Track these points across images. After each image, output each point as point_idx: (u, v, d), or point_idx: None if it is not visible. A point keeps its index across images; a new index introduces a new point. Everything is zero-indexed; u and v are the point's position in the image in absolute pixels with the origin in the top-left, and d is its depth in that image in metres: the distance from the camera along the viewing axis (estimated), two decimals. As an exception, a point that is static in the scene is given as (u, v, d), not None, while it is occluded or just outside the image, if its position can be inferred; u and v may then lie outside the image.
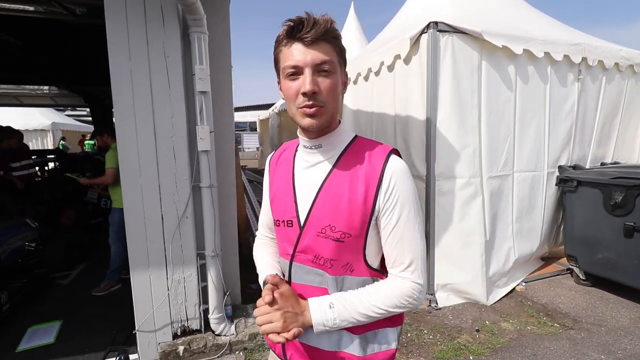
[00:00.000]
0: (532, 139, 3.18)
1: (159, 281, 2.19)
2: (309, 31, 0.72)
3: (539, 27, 3.26)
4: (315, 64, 0.74)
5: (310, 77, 0.74)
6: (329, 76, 0.75)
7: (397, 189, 0.79)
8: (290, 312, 0.77)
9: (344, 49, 0.80)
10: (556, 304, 2.99)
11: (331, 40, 0.75)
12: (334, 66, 0.76)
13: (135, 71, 1.96)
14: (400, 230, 0.79)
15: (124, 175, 2.06)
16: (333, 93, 0.76)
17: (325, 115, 0.78)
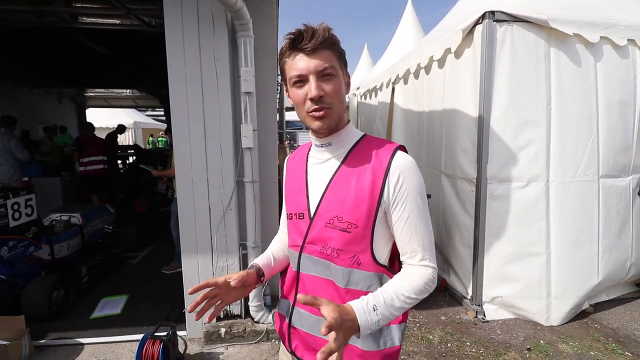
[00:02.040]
0: (620, 138, 2.74)
1: (206, 267, 2.39)
2: (309, 41, 0.79)
3: (622, 10, 2.81)
4: (318, 70, 0.80)
5: (315, 83, 0.80)
6: (332, 80, 0.81)
7: (408, 183, 0.82)
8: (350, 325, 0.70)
9: (343, 52, 0.86)
10: (630, 330, 2.58)
11: (330, 46, 0.81)
12: (336, 70, 0.82)
13: (189, 74, 2.15)
14: (414, 221, 0.83)
15: (178, 169, 2.28)
16: (337, 94, 0.83)
17: (333, 115, 0.84)
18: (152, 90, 7.56)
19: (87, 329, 2.57)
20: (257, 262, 1.01)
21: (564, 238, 2.66)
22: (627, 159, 2.80)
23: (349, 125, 0.91)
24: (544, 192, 2.62)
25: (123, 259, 3.90)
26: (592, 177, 2.70)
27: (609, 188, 2.75)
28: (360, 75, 9.00)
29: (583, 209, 2.68)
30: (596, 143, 2.68)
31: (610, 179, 2.75)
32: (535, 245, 2.65)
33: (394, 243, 0.88)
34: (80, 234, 3.26)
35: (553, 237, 2.65)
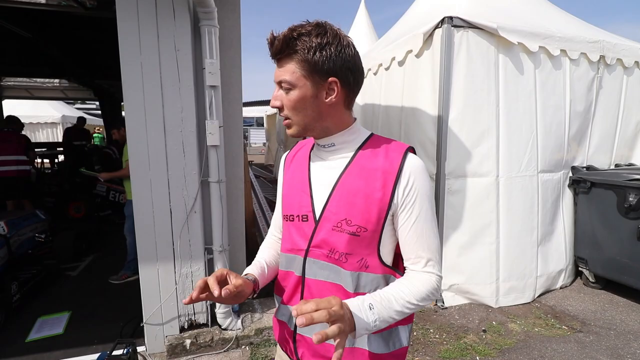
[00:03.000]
0: (554, 138, 3.08)
1: (167, 275, 2.20)
2: (271, 49, 0.78)
3: (556, 23, 3.17)
4: (277, 81, 0.80)
5: (274, 93, 0.82)
6: (288, 92, 0.79)
7: (416, 186, 0.80)
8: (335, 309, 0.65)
9: (316, 59, 0.75)
10: (564, 307, 2.95)
11: (291, 55, 0.77)
12: (292, 82, 0.77)
13: (146, 64, 1.95)
14: (420, 226, 0.80)
15: (134, 169, 2.06)
16: (294, 107, 0.80)
17: (295, 126, 0.83)
18: (84, 81, 6.75)
19: (23, 355, 2.23)
20: (252, 271, 0.94)
21: (511, 227, 2.95)
22: (560, 156, 3.17)
23: (354, 125, 0.87)
24: (495, 186, 2.87)
25: (60, 271, 3.44)
26: (533, 172, 3.02)
27: (545, 182, 3.10)
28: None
29: (526, 200, 2.99)
30: (535, 142, 3.00)
31: (547, 174, 3.11)
32: (486, 234, 2.90)
33: (398, 245, 0.87)
34: (6, 245, 2.80)
35: (502, 226, 2.92)
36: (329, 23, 0.79)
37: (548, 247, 3.20)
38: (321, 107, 0.81)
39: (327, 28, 0.77)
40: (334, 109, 0.82)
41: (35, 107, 10.45)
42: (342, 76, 0.78)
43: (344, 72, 0.78)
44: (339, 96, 0.80)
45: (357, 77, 0.82)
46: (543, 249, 3.14)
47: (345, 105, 0.84)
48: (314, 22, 0.78)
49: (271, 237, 1.08)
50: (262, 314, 2.53)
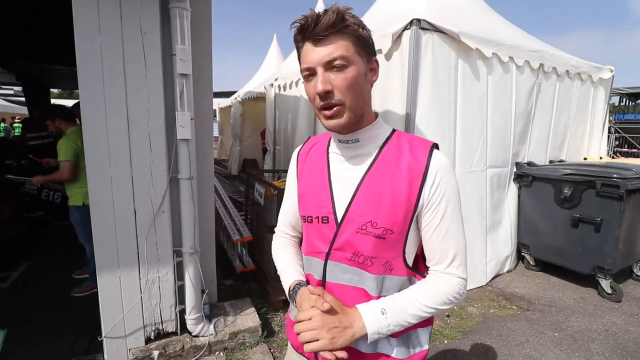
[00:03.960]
0: (501, 137, 3.39)
1: (131, 283, 2.00)
2: (315, 27, 0.70)
3: (504, 32, 3.48)
4: (325, 61, 0.71)
5: (322, 77, 0.71)
6: (342, 71, 0.71)
7: (443, 185, 0.77)
8: (338, 327, 0.72)
9: (365, 35, 0.74)
10: (512, 288, 3.28)
11: (342, 30, 0.71)
12: (348, 59, 0.71)
13: (106, 47, 1.73)
14: (445, 226, 0.78)
15: (90, 165, 1.82)
16: (351, 88, 0.72)
17: (347, 113, 0.74)
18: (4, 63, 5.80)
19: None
20: (301, 278, 0.89)
21: (465, 218, 3.19)
22: (505, 153, 3.51)
23: (378, 120, 0.83)
24: (454, 180, 3.09)
25: (-15, 284, 2.95)
26: (483, 168, 3.31)
27: (493, 176, 3.41)
28: (269, 66, 8.81)
29: (476, 193, 3.27)
30: (485, 140, 3.29)
31: (495, 169, 3.42)
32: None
33: (420, 244, 0.85)
34: None
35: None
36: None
37: (496, 235, 3.54)
38: (368, 89, 0.78)
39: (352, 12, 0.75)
40: (370, 93, 0.80)
41: None
42: (376, 57, 0.79)
43: (375, 53, 0.80)
44: (375, 77, 0.80)
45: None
46: (492, 236, 3.46)
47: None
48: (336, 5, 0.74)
49: (283, 237, 1.02)
50: (235, 317, 2.42)
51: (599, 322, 2.69)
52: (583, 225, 3.06)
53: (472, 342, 2.46)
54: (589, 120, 4.27)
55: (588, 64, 3.97)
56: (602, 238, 2.93)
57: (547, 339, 2.49)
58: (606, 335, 2.51)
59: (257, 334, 2.37)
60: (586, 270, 3.10)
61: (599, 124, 4.36)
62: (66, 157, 2.63)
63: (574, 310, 2.86)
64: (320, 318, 0.71)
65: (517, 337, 2.52)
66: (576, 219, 3.08)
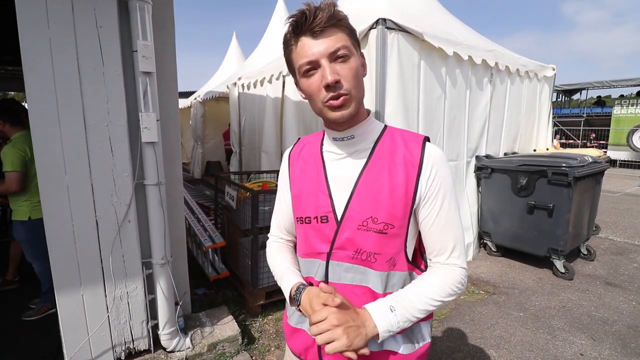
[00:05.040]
0: (456, 132, 3.59)
1: (95, 301, 1.82)
2: (314, 21, 0.70)
3: (461, 32, 3.67)
4: (330, 52, 0.71)
5: (329, 68, 0.71)
6: (347, 61, 0.72)
7: (439, 176, 0.79)
8: (352, 325, 0.70)
9: (354, 30, 0.77)
10: (478, 274, 3.48)
11: (339, 23, 0.73)
12: (350, 50, 0.73)
13: (56, 42, 1.55)
14: (443, 217, 0.79)
15: (42, 174, 1.62)
16: (356, 77, 0.73)
17: (353, 102, 0.75)
18: None
19: None
20: (302, 280, 0.86)
21: None
22: (461, 147, 3.71)
23: (371, 116, 0.84)
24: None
25: None
26: None
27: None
28: (230, 66, 8.55)
29: None
30: (442, 135, 3.46)
31: (451, 162, 3.60)
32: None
33: (418, 238, 0.86)
34: None
35: None
36: None
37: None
38: (363, 84, 0.78)
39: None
40: (364, 88, 0.80)
41: None
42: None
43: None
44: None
45: None
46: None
47: None
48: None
49: (278, 242, 0.99)
50: (213, 327, 2.31)
51: (557, 299, 2.93)
52: (538, 212, 3.32)
53: (447, 329, 2.56)
54: (536, 115, 4.65)
55: (534, 63, 4.31)
56: (555, 222, 3.20)
57: (513, 319, 2.66)
58: (564, 311, 2.74)
59: (237, 343, 2.28)
60: (542, 253, 3.36)
61: (544, 118, 4.77)
62: (13, 167, 2.33)
63: (535, 291, 3.09)
64: (336, 317, 0.69)
65: (487, 320, 2.67)
66: (531, 206, 3.34)
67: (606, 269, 3.52)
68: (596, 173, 3.41)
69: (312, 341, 0.85)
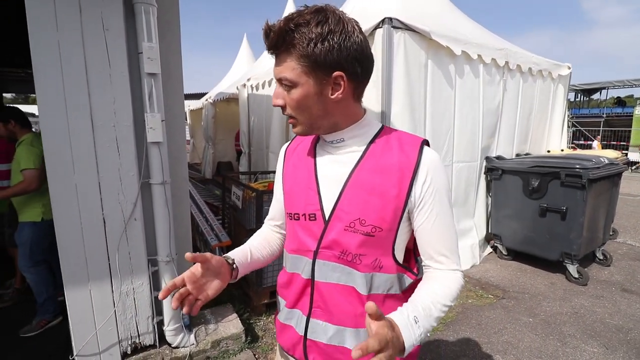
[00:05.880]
0: (468, 132, 3.52)
1: (102, 296, 1.87)
2: (268, 43, 0.71)
3: (471, 31, 3.60)
4: (277, 79, 0.74)
5: (275, 91, 0.76)
6: (290, 91, 0.73)
7: (435, 182, 0.76)
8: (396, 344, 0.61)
9: (320, 51, 0.67)
10: (487, 278, 3.40)
11: (289, 49, 0.69)
12: (292, 80, 0.71)
13: (65, 44, 1.60)
14: (441, 223, 0.78)
15: (52, 173, 1.68)
16: (297, 107, 0.74)
17: (301, 125, 0.77)
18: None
19: None
20: (231, 254, 0.86)
21: None
22: (474, 148, 3.64)
23: (365, 118, 0.81)
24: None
25: None
26: (449, 162, 3.44)
27: (459, 170, 3.54)
28: (240, 67, 8.64)
29: None
30: (452, 136, 3.40)
31: (462, 164, 3.54)
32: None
33: (410, 240, 0.84)
34: None
35: None
36: (330, 7, 0.71)
37: (467, 227, 3.67)
38: (327, 104, 0.74)
39: (328, 14, 0.68)
40: (341, 104, 0.75)
41: None
42: (349, 68, 0.70)
43: (351, 63, 0.70)
44: (347, 90, 0.73)
45: (367, 65, 0.74)
46: (462, 228, 3.60)
47: (355, 98, 0.77)
48: (313, 7, 0.69)
49: (266, 226, 1.02)
50: (217, 324, 2.34)
51: (569, 305, 2.84)
52: (550, 214, 3.22)
53: (454, 333, 2.52)
54: (549, 115, 4.53)
55: (548, 61, 4.20)
56: (568, 226, 3.10)
57: (522, 324, 2.59)
58: (576, 318, 2.66)
59: (241, 340, 2.30)
60: (554, 257, 3.27)
61: (558, 118, 4.63)
62: (34, 165, 2.32)
63: (546, 296, 3.01)
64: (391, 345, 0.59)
65: (495, 324, 2.61)
66: (543, 209, 3.24)
67: (623, 275, 3.39)
68: (613, 175, 3.29)
69: (299, 338, 0.86)
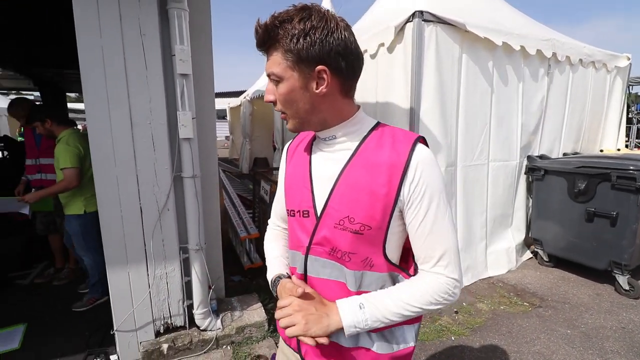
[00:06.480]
0: (506, 130, 3.32)
1: (139, 278, 2.06)
2: (256, 42, 0.74)
3: (513, 21, 3.37)
4: (267, 74, 0.75)
5: (267, 87, 0.78)
6: (277, 86, 0.75)
7: (424, 180, 0.74)
8: (314, 314, 0.73)
9: (302, 46, 0.69)
10: (524, 285, 3.20)
11: (275, 45, 0.71)
12: (279, 75, 0.73)
13: (107, 49, 1.77)
14: (429, 223, 0.75)
15: (97, 167, 1.88)
16: (285, 101, 0.76)
17: (292, 120, 0.79)
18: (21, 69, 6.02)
19: (-30, 378, 1.98)
20: (282, 272, 0.92)
21: (465, 211, 3.18)
22: (513, 146, 3.41)
23: (356, 115, 0.81)
24: (455, 174, 3.06)
25: (8, 280, 3.09)
26: (484, 161, 3.26)
27: (496, 170, 3.34)
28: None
29: (477, 187, 3.23)
30: (488, 133, 3.22)
31: (498, 162, 3.34)
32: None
33: (407, 239, 0.83)
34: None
35: (459, 211, 3.13)
36: (316, 5, 0.73)
37: (502, 230, 3.47)
38: (313, 99, 0.75)
39: (312, 11, 0.70)
40: (328, 99, 0.76)
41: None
42: (332, 63, 0.71)
43: (334, 58, 0.71)
44: (331, 85, 0.73)
45: (351, 61, 0.74)
46: (497, 231, 3.42)
47: (343, 94, 0.77)
48: (299, 5, 0.71)
49: (275, 229, 1.05)
50: (242, 312, 2.47)
51: (615, 319, 2.59)
52: (598, 220, 2.95)
53: (481, 339, 2.42)
54: (605, 111, 4.10)
55: (602, 52, 3.80)
56: (619, 232, 2.82)
57: (559, 336, 2.42)
58: (622, 333, 2.42)
59: (264, 329, 2.40)
60: (602, 266, 2.99)
61: (615, 114, 4.18)
62: (72, 164, 2.47)
63: (589, 307, 2.77)
64: (298, 303, 0.74)
65: (528, 334, 2.46)
66: (591, 213, 2.97)
67: (687, 290, 3.01)
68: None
69: None
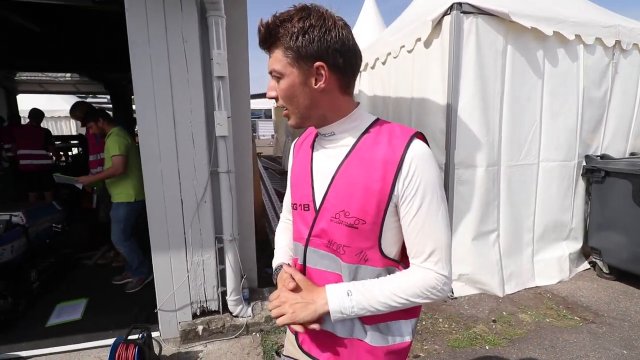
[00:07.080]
0: (561, 126, 3.03)
1: (179, 263, 2.26)
2: (258, 41, 0.77)
3: (569, 7, 3.07)
4: (269, 71, 0.78)
5: (269, 84, 0.80)
6: (279, 82, 0.78)
7: (418, 175, 0.75)
8: (300, 302, 0.78)
9: (301, 43, 0.72)
10: (577, 297, 2.91)
11: (276, 42, 0.74)
12: (280, 71, 0.76)
13: (155, 57, 1.97)
14: (421, 219, 0.76)
15: (146, 160, 2.10)
16: (286, 97, 0.78)
17: (293, 116, 0.81)
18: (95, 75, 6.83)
19: (44, 339, 2.32)
20: (285, 261, 0.97)
21: (509, 214, 2.97)
22: (570, 144, 3.10)
23: (356, 112, 0.83)
24: (497, 175, 2.87)
25: (77, 260, 3.56)
26: (533, 161, 3.01)
27: (548, 170, 3.06)
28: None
29: (524, 189, 3.01)
30: (538, 130, 2.97)
31: (551, 163, 3.06)
32: (489, 223, 2.90)
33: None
34: (25, 235, 2.90)
35: (502, 214, 2.94)
36: (315, 5, 0.75)
37: (553, 236, 3.19)
38: (313, 95, 0.77)
39: (311, 10, 0.73)
40: (327, 95, 0.78)
41: (50, 101, 10.65)
42: (330, 60, 0.73)
43: (332, 55, 0.73)
44: (330, 81, 0.75)
45: (348, 58, 0.75)
46: (543, 236, 3.14)
47: (342, 91, 0.79)
48: (299, 5, 0.74)
49: (285, 222, 1.10)
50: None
51: (686, 343, 2.26)
52: (670, 228, 2.58)
53: (518, 351, 2.26)
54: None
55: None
56: (696, 244, 2.44)
57: (612, 356, 2.17)
58: (693, 359, 2.11)
59: (291, 321, 2.49)
60: (674, 282, 2.61)
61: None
62: (120, 151, 2.74)
63: (654, 327, 2.44)
64: (285, 294, 0.79)
65: (575, 350, 2.24)
66: (660, 221, 2.61)
67: None
68: None
69: None
